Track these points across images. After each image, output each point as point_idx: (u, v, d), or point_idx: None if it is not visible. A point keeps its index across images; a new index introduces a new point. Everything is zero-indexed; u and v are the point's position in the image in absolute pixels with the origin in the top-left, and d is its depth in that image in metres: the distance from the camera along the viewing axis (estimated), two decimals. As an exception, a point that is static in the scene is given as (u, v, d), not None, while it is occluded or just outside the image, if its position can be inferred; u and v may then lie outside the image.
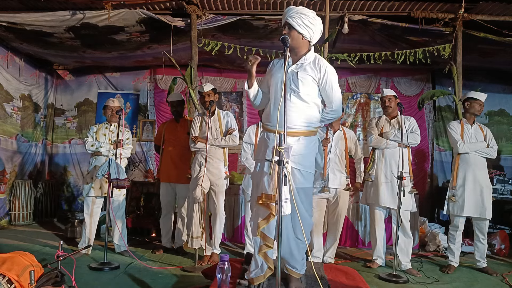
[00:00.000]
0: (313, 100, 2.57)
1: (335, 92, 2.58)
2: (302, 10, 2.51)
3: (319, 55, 2.64)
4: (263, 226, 2.50)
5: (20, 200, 5.97)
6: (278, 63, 2.68)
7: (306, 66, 2.55)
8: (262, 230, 2.51)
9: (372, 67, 6.44)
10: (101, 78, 7.29)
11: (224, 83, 7.03)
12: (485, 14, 4.91)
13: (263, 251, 2.54)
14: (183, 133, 4.49)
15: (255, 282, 2.56)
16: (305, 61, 2.56)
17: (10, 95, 6.11)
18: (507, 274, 3.99)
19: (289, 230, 2.50)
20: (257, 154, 2.72)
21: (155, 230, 5.24)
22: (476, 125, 4.14)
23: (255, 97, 2.74)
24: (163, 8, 5.10)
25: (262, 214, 2.52)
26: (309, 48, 2.60)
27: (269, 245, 2.52)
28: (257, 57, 2.54)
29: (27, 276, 2.59)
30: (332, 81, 2.55)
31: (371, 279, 3.72)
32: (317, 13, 2.67)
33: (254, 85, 2.68)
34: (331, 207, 4.22)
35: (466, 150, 4.02)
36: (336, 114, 2.68)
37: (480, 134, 4.11)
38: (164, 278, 3.60)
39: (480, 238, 4.05)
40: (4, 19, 4.96)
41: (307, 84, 2.53)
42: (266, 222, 2.49)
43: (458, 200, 4.02)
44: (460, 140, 4.04)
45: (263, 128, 2.73)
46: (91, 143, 4.39)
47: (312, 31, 2.52)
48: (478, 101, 4.06)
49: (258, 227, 2.52)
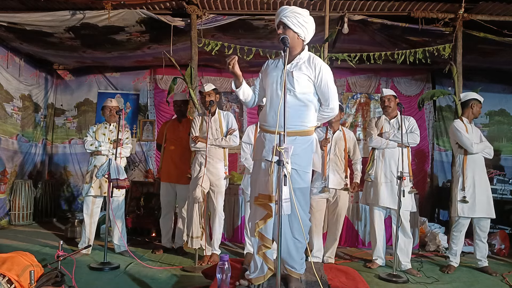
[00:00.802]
0: (309, 99, 2.56)
1: (331, 90, 2.57)
2: (296, 9, 2.51)
3: (313, 54, 2.63)
4: (261, 226, 2.50)
5: (20, 200, 5.97)
6: (273, 63, 2.67)
7: (301, 65, 2.54)
8: (260, 230, 2.51)
9: (372, 67, 6.44)
10: (101, 78, 7.29)
11: (224, 83, 7.03)
12: (485, 14, 4.91)
13: (261, 251, 2.54)
14: (184, 133, 4.48)
15: (255, 282, 2.56)
16: (299, 60, 2.56)
17: (10, 95, 6.11)
18: (507, 274, 3.99)
19: (287, 230, 2.49)
20: (255, 154, 2.73)
21: (155, 230, 5.24)
22: (472, 124, 4.17)
23: (245, 96, 2.72)
24: (163, 8, 5.10)
25: (260, 214, 2.52)
26: (303, 47, 2.59)
27: (267, 245, 2.53)
28: (234, 56, 2.53)
29: (27, 276, 2.59)
30: (327, 79, 2.54)
31: (371, 279, 3.72)
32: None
33: (243, 84, 2.66)
34: (331, 207, 4.22)
35: (478, 151, 4.02)
36: (332, 113, 2.67)
37: (478, 134, 4.14)
38: (164, 278, 3.60)
39: (482, 237, 4.04)
40: (4, 19, 4.96)
41: (303, 83, 2.52)
42: (263, 222, 2.49)
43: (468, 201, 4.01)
44: (473, 140, 4.02)
45: (260, 128, 2.72)
46: (90, 143, 4.39)
47: (306, 29, 2.53)
48: (481, 103, 4.12)
49: (255, 228, 2.52)
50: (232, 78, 2.70)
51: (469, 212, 3.99)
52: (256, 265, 2.59)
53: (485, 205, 3.98)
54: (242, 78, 2.64)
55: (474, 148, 4.00)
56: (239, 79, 2.63)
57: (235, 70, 2.56)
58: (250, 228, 2.66)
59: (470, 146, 4.01)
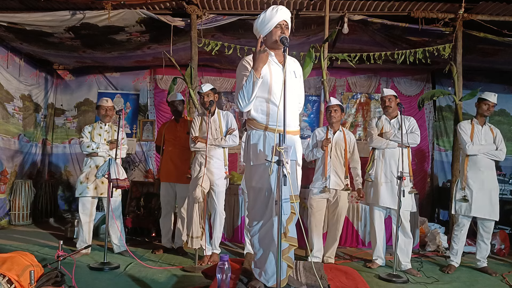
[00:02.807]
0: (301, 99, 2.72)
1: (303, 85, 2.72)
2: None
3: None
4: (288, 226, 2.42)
5: (20, 200, 5.97)
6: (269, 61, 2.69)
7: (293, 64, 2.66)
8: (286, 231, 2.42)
9: (372, 67, 6.44)
10: (101, 78, 7.29)
11: (224, 83, 7.03)
12: (485, 14, 4.91)
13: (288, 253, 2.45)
14: (183, 133, 4.49)
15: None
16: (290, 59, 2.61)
17: (10, 95, 6.11)
18: (507, 274, 3.99)
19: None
20: (259, 154, 2.73)
21: (155, 230, 5.24)
22: (487, 126, 4.10)
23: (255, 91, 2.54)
24: (163, 8, 5.10)
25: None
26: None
27: (293, 244, 2.47)
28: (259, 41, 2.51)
29: (27, 276, 2.59)
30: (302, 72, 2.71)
31: (371, 279, 3.72)
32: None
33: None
34: (331, 207, 4.22)
35: (474, 152, 4.01)
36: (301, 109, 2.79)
37: (490, 136, 4.06)
38: (164, 278, 3.60)
39: (485, 238, 4.04)
40: (4, 19, 4.96)
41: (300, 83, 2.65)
42: (289, 221, 2.43)
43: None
44: (469, 142, 4.02)
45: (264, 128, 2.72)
46: (87, 144, 4.36)
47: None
48: (486, 101, 4.03)
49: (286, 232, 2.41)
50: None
51: (467, 211, 4.00)
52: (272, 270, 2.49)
53: (487, 206, 3.97)
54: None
55: (468, 149, 4.01)
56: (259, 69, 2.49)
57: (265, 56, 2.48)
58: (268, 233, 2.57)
59: (465, 146, 4.03)
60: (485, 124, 4.11)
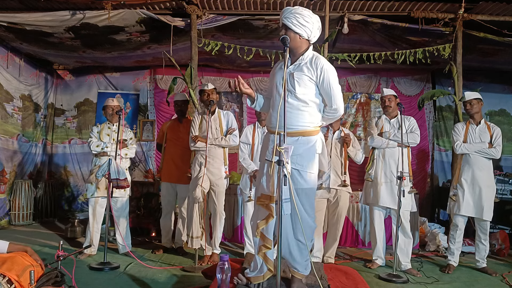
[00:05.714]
0: (311, 99, 2.52)
1: (334, 91, 2.51)
2: (297, 9, 2.48)
3: (318, 54, 2.59)
4: (262, 226, 2.50)
5: (20, 200, 5.97)
6: (278, 65, 2.67)
7: (303, 66, 2.51)
8: (261, 230, 2.51)
9: (372, 67, 6.44)
10: (101, 78, 7.29)
11: (224, 83, 7.03)
12: (485, 14, 4.91)
13: (262, 252, 2.54)
14: (185, 133, 4.47)
15: (253, 281, 2.57)
16: (302, 61, 2.52)
17: (10, 95, 6.11)
18: (507, 274, 3.99)
19: (289, 231, 2.47)
20: (261, 155, 2.75)
21: (155, 230, 5.24)
22: (483, 124, 4.09)
23: (261, 107, 2.78)
24: (163, 8, 5.10)
25: (262, 214, 2.52)
26: (308, 47, 2.56)
27: (267, 246, 2.52)
28: (236, 78, 2.63)
29: (27, 276, 2.59)
30: (330, 79, 2.49)
31: (371, 279, 3.72)
32: (317, 13, 2.66)
33: (257, 99, 2.73)
34: (331, 207, 4.22)
35: (463, 151, 4.03)
36: (337, 113, 2.61)
37: (486, 134, 4.05)
38: (164, 278, 3.60)
39: (482, 238, 4.04)
40: (4, 19, 4.96)
41: (303, 84, 2.49)
42: (265, 222, 2.49)
43: (457, 199, 4.04)
44: (458, 141, 4.05)
45: (266, 129, 2.77)
46: (96, 144, 4.33)
47: (309, 29, 2.48)
48: (468, 101, 4.07)
49: (257, 228, 2.52)
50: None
51: (457, 210, 4.01)
52: (256, 264, 2.59)
53: (475, 205, 3.97)
54: (254, 93, 2.71)
55: (457, 149, 4.06)
56: (251, 95, 2.70)
57: (245, 90, 2.63)
58: (252, 228, 2.67)
59: (454, 146, 4.10)
60: (481, 123, 4.11)
